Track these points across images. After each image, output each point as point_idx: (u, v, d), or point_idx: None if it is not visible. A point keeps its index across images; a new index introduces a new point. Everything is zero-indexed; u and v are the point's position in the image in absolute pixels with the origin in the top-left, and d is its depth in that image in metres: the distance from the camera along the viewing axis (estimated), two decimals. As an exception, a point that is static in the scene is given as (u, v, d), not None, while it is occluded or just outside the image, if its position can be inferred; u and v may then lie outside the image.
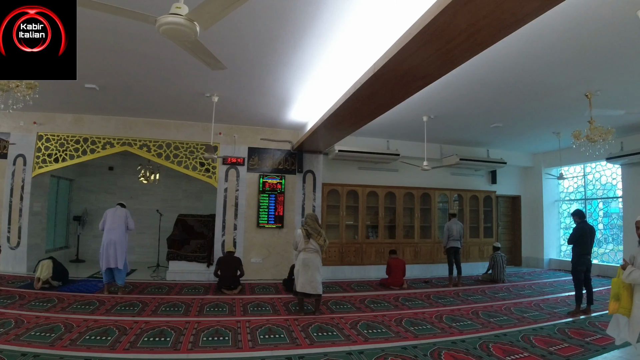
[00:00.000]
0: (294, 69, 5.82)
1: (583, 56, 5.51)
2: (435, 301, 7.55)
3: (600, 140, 6.80)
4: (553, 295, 8.45)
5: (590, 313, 6.77)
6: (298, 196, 9.69)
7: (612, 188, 11.56)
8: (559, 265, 12.45)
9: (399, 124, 9.03)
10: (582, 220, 7.10)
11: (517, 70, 5.96)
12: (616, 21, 4.50)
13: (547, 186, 13.01)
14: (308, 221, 6.49)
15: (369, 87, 4.87)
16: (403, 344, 4.94)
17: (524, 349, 4.90)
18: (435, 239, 11.09)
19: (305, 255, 6.21)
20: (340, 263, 10.01)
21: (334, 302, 7.11)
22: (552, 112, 8.17)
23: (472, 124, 9.18)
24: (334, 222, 10.21)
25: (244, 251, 9.14)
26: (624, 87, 6.67)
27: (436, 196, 11.34)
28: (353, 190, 10.40)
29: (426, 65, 4.19)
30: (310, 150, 9.72)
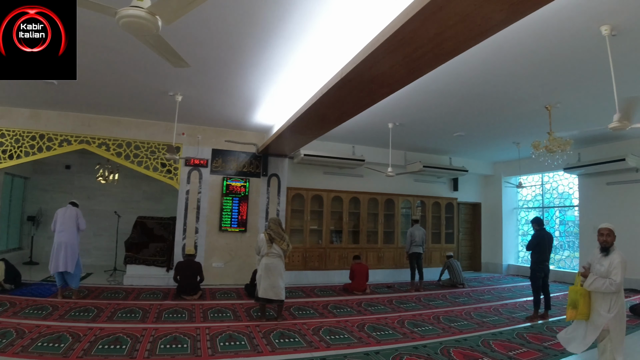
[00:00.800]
0: (261, 70, 5.73)
1: (545, 69, 5.68)
2: (397, 306, 7.59)
3: (558, 151, 7.01)
4: (512, 300, 8.65)
5: (548, 318, 6.94)
6: (262, 200, 9.58)
7: (569, 197, 12.03)
8: (517, 271, 12.82)
9: (365, 130, 9.08)
10: (540, 227, 7.28)
11: (481, 81, 6.10)
12: (579, 36, 4.65)
13: (506, 194, 13.40)
14: (271, 225, 6.38)
15: (336, 92, 4.86)
16: (365, 349, 4.91)
17: (484, 353, 4.97)
18: (399, 244, 11.19)
19: (268, 260, 6.10)
20: (304, 268, 9.94)
21: (296, 308, 7.04)
22: (513, 122, 8.42)
23: (436, 132, 9.34)
24: (298, 226, 10.15)
25: (206, 255, 8.93)
26: (583, 100, 6.91)
27: (400, 202, 11.47)
28: (318, 195, 10.38)
29: (393, 72, 4.21)
30: (275, 154, 9.63)
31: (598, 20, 4.29)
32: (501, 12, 2.98)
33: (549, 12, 4.08)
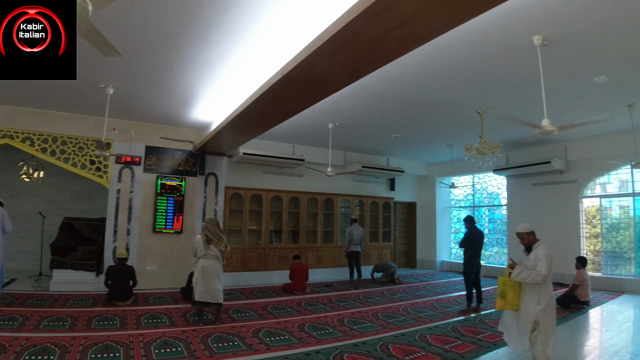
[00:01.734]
0: (200, 64, 5.52)
1: (479, 76, 5.95)
2: (337, 304, 7.64)
3: (489, 153, 7.40)
4: (446, 295, 9.01)
5: (480, 311, 7.29)
6: (199, 199, 9.28)
7: (497, 197, 12.80)
8: (450, 267, 13.44)
9: (305, 130, 9.09)
10: (472, 225, 7.61)
11: (419, 85, 6.29)
12: (512, 45, 4.91)
13: (440, 194, 14.01)
14: (208, 226, 6.19)
15: (277, 90, 4.80)
16: (306, 349, 4.89)
17: (421, 347, 5.10)
18: (338, 243, 11.30)
19: (205, 262, 5.91)
20: (243, 269, 9.77)
21: (235, 310, 6.89)
22: (447, 126, 8.78)
23: (375, 134, 9.53)
24: (237, 227, 9.95)
25: (138, 258, 8.50)
26: (512, 106, 7.32)
27: (339, 202, 11.58)
28: (257, 195, 10.24)
29: (335, 72, 4.22)
30: (213, 152, 9.37)
31: (530, 30, 4.53)
32: (441, 17, 3.07)
33: (485, 22, 4.27)
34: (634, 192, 9.66)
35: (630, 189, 9.77)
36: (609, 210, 10.25)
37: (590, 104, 7.23)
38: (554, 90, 6.34)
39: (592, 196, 10.45)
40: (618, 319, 6.92)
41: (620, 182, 10.00)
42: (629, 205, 9.84)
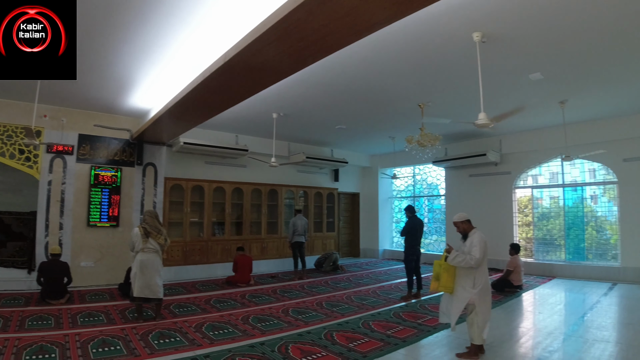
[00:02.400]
0: (138, 47, 5.22)
1: (420, 70, 6.10)
2: (281, 295, 7.62)
3: (429, 145, 7.64)
4: (388, 282, 9.23)
5: (420, 297, 7.54)
6: (137, 191, 8.86)
7: (437, 187, 13.24)
8: (391, 255, 13.80)
9: (249, 119, 8.93)
10: (412, 214, 7.84)
11: (363, 77, 6.35)
12: (453, 41, 5.05)
13: (382, 184, 14.32)
14: (147, 218, 5.94)
15: (219, 77, 4.66)
16: (251, 342, 4.83)
17: (364, 334, 5.20)
18: (282, 234, 11.25)
19: (144, 256, 5.68)
20: (184, 263, 9.49)
21: (177, 305, 6.69)
22: (390, 118, 8.94)
23: (319, 124, 9.53)
24: (178, 219, 9.64)
25: (73, 254, 7.99)
26: (452, 100, 7.57)
27: (283, 192, 11.52)
28: (199, 186, 9.96)
29: (279, 61, 4.15)
30: (152, 141, 8.93)
31: (471, 27, 4.68)
32: (385, 9, 3.08)
33: (428, 17, 4.36)
34: (564, 183, 10.34)
35: (560, 180, 10.44)
36: (540, 200, 10.93)
37: (525, 99, 7.60)
38: (491, 86, 6.61)
39: (524, 187, 11.09)
40: (550, 301, 7.38)
41: (551, 174, 10.66)
42: (559, 195, 10.53)
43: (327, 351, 4.54)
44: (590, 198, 10.15)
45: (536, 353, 4.60)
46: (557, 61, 5.82)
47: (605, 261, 9.63)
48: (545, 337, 5.18)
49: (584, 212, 10.08)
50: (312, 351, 4.53)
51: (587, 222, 10.07)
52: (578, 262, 9.92)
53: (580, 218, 10.10)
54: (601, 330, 5.46)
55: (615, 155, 9.13)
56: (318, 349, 4.59)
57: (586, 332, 5.40)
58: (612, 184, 9.55)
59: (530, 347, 4.87)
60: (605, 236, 9.81)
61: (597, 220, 10.00)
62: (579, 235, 10.09)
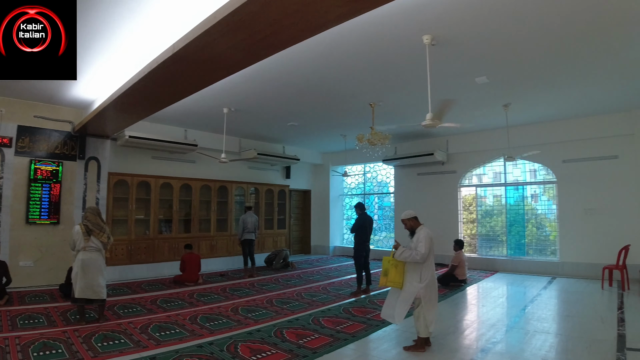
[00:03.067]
0: (82, 35, 4.89)
1: (372, 70, 6.17)
2: (231, 294, 7.51)
3: (379, 144, 7.76)
4: (338, 278, 9.32)
5: (370, 292, 7.66)
6: (79, 187, 8.41)
7: (386, 185, 13.49)
8: (342, 252, 13.95)
9: (199, 114, 8.70)
10: (362, 211, 7.94)
11: (315, 75, 6.35)
12: (404, 42, 5.13)
13: (333, 182, 14.43)
14: (88, 216, 5.65)
15: (167, 68, 4.49)
16: (199, 342, 4.73)
17: (314, 330, 5.22)
18: (232, 231, 11.07)
19: (85, 255, 5.41)
20: (129, 262, 9.13)
21: (121, 306, 6.43)
22: (341, 116, 9.00)
23: (271, 121, 9.45)
24: (122, 216, 9.27)
25: (11, 253, 7.45)
26: (402, 100, 7.71)
27: (233, 189, 11.34)
28: (145, 182, 9.60)
29: (230, 54, 4.06)
30: (95, 134, 8.48)
31: (421, 29, 4.79)
32: (339, 7, 3.07)
33: (381, 18, 4.41)
34: (506, 182, 10.85)
35: (502, 179, 10.94)
36: (484, 198, 11.39)
37: (471, 102, 7.87)
38: (439, 88, 6.79)
39: (469, 185, 11.51)
40: (493, 295, 7.70)
41: (495, 173, 11.16)
42: (501, 194, 11.03)
43: (277, 349, 4.51)
44: (531, 197, 10.70)
45: (480, 344, 4.78)
46: (502, 66, 6.07)
47: (545, 256, 10.18)
48: (488, 329, 5.39)
49: (524, 210, 10.60)
50: (262, 349, 4.49)
51: (527, 219, 10.60)
52: (519, 257, 10.44)
53: (521, 215, 10.62)
54: (541, 322, 5.74)
55: (555, 157, 9.71)
56: (268, 347, 4.55)
57: (527, 324, 5.66)
58: (552, 183, 10.11)
59: (474, 338, 5.05)
60: (545, 233, 10.35)
61: (538, 217, 10.55)
62: (520, 231, 10.60)
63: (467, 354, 4.47)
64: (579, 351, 4.49)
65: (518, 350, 4.65)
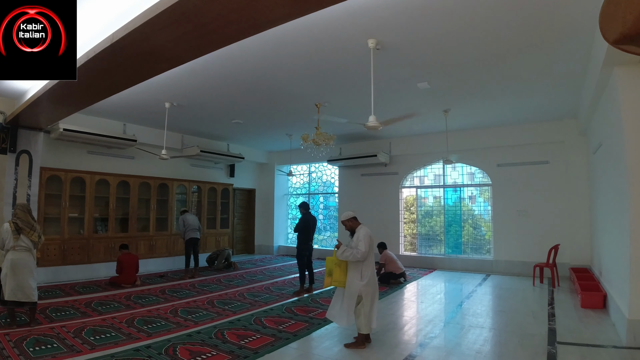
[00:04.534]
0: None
1: (318, 71, 6.22)
2: (170, 295, 7.30)
3: (323, 144, 7.85)
4: (281, 278, 9.32)
5: (313, 291, 7.73)
6: (8, 182, 7.83)
7: (332, 185, 13.63)
8: (286, 251, 13.95)
9: (139, 107, 8.35)
10: (306, 211, 8.00)
11: (261, 73, 6.30)
12: (349, 45, 5.20)
13: (278, 181, 14.40)
14: (18, 213, 5.33)
15: (106, 59, 4.27)
16: (135, 345, 4.57)
17: (256, 330, 5.20)
18: (172, 231, 10.76)
19: (15, 255, 5.11)
20: (63, 263, 8.63)
21: (53, 309, 6.10)
22: (287, 116, 9.01)
23: (216, 117, 9.26)
24: (55, 214, 8.74)
25: None
26: (347, 102, 7.83)
27: (175, 187, 11.00)
28: (79, 178, 9.10)
29: (172, 47, 3.95)
30: (27, 126, 7.91)
31: (366, 33, 4.87)
32: (284, 6, 3.08)
33: (326, 20, 4.46)
34: (445, 184, 11.30)
35: (442, 181, 11.37)
36: (425, 199, 11.80)
37: (413, 106, 8.11)
38: (382, 91, 6.96)
39: (410, 187, 11.89)
40: (431, 292, 7.98)
41: (435, 175, 11.59)
42: (441, 195, 11.47)
43: (218, 350, 4.45)
44: (468, 198, 11.22)
45: (418, 339, 4.97)
46: (443, 73, 6.30)
47: (481, 255, 10.70)
48: (426, 325, 5.61)
49: (461, 211, 11.09)
50: (202, 351, 4.41)
51: (465, 219, 11.11)
52: (456, 256, 10.93)
53: (459, 216, 11.12)
54: (476, 317, 6.03)
55: (490, 161, 10.27)
56: (208, 349, 4.48)
57: (463, 319, 5.92)
58: (487, 186, 10.64)
59: (413, 334, 5.25)
60: (481, 232, 10.90)
61: (474, 218, 11.10)
62: (458, 231, 11.10)
63: (406, 349, 4.62)
64: (511, 345, 4.73)
65: (454, 344, 4.85)
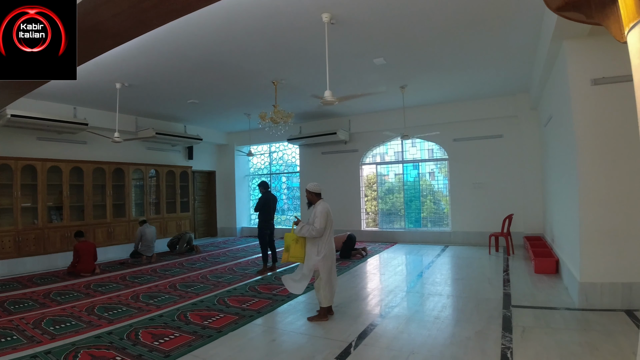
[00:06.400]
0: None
1: (273, 47, 6.12)
2: (131, 282, 7.18)
3: (282, 122, 7.80)
4: (245, 258, 9.33)
5: (276, 269, 7.81)
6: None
7: (295, 165, 13.61)
8: (250, 232, 13.91)
9: (88, 89, 7.99)
10: (266, 190, 8.00)
11: (215, 49, 6.14)
12: (303, 20, 5.14)
13: (238, 162, 14.25)
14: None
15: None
16: (96, 332, 4.49)
17: (219, 310, 5.21)
18: (131, 217, 10.49)
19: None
20: (18, 255, 8.29)
21: (11, 302, 5.88)
22: (244, 94, 8.85)
23: (170, 98, 9.00)
24: (7, 205, 8.34)
25: None
26: (304, 79, 7.76)
27: (131, 171, 10.66)
28: (30, 165, 8.68)
29: (117, 22, 3.77)
30: (-30, 114, 7.57)
31: (320, 7, 4.81)
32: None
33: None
34: (403, 160, 11.56)
35: (401, 158, 11.61)
36: (387, 177, 12.03)
37: (370, 83, 8.16)
38: (339, 68, 6.94)
39: (370, 164, 12.05)
40: (392, 264, 8.19)
41: (395, 152, 11.79)
42: (402, 172, 11.69)
43: (181, 332, 4.43)
44: (429, 174, 11.50)
45: (380, 309, 5.11)
46: (398, 48, 6.34)
47: (440, 227, 11.03)
48: (387, 295, 5.78)
49: (420, 187, 11.43)
50: (165, 334, 4.38)
51: (425, 195, 11.46)
52: (416, 229, 11.27)
53: (419, 191, 11.42)
54: (435, 285, 6.25)
55: (447, 136, 10.51)
56: (171, 331, 4.46)
57: (422, 288, 6.14)
58: (444, 160, 10.93)
59: (374, 304, 5.39)
60: (441, 207, 11.27)
61: (434, 193, 11.40)
62: (417, 206, 11.40)
63: (368, 318, 4.74)
64: (468, 310, 4.94)
65: (414, 311, 5.04)
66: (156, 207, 11.36)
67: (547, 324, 4.33)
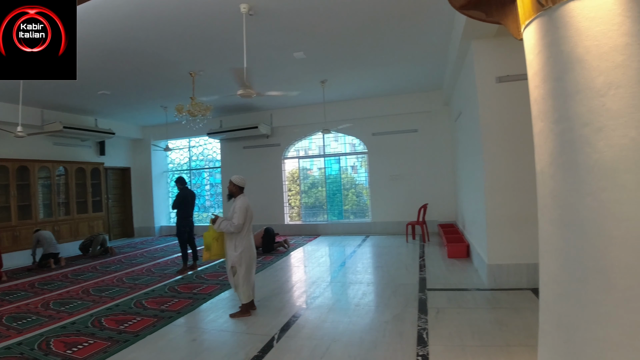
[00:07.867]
0: None
1: (189, 36, 5.91)
2: (41, 289, 6.66)
3: (200, 115, 7.59)
4: (164, 258, 8.98)
5: (197, 268, 7.59)
6: None
7: (215, 160, 13.26)
8: (169, 231, 13.33)
9: (-16, 81, 7.31)
10: (183, 186, 7.77)
11: (126, 36, 5.80)
12: (220, 9, 5.02)
13: (156, 158, 13.60)
14: None
15: None
16: (5, 344, 4.18)
17: (137, 314, 5.00)
18: (38, 219, 9.70)
19: None
20: None
21: None
22: (160, 86, 8.49)
23: (78, 89, 8.36)
24: None
25: None
26: (223, 70, 7.57)
27: (37, 169, 9.84)
28: None
29: None
30: None
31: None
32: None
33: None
34: (325, 154, 11.79)
35: (322, 152, 11.85)
36: (310, 171, 12.20)
37: (290, 77, 8.17)
38: (258, 60, 6.88)
39: (292, 158, 12.15)
40: (315, 255, 8.35)
41: (318, 147, 11.99)
42: (324, 166, 11.91)
43: (95, 338, 4.21)
44: (351, 168, 11.80)
45: (302, 300, 5.21)
46: (319, 42, 6.39)
47: (361, 218, 11.39)
48: (310, 286, 5.90)
49: (342, 180, 11.74)
50: (78, 341, 4.14)
51: (348, 188, 11.76)
52: (338, 221, 11.57)
53: (340, 185, 11.74)
54: (356, 274, 6.48)
55: (366, 130, 10.93)
56: (84, 338, 4.22)
57: (344, 277, 6.34)
58: (364, 154, 11.30)
59: (297, 296, 5.48)
60: (363, 199, 11.64)
61: (356, 186, 11.74)
62: (340, 199, 11.71)
63: (290, 310, 4.80)
64: (387, 295, 5.18)
65: (336, 300, 5.20)
66: (66, 207, 10.53)
67: (460, 304, 4.64)
